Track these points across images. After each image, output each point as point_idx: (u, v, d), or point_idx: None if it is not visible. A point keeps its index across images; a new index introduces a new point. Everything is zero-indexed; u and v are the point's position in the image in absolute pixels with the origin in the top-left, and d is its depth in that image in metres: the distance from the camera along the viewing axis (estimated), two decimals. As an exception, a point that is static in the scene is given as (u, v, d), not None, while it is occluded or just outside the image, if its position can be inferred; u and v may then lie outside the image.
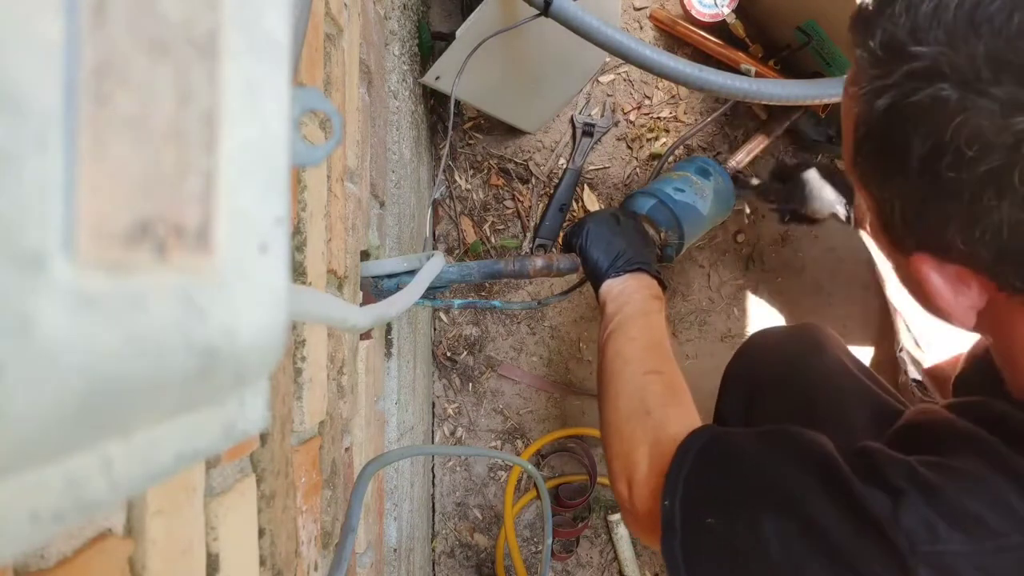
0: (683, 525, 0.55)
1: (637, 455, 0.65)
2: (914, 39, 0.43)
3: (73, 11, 0.13)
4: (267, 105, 0.20)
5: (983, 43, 0.41)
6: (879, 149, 0.48)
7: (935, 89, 0.42)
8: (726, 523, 0.53)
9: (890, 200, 0.49)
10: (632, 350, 0.74)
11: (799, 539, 0.49)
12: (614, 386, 0.72)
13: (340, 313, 0.37)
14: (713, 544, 0.54)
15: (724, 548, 0.53)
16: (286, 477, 0.46)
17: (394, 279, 0.73)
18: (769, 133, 1.15)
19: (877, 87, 0.46)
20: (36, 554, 0.24)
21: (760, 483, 0.54)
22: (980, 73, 0.41)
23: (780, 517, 0.50)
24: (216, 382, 0.18)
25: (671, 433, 0.64)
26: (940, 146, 0.43)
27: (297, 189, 0.49)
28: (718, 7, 1.11)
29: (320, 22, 0.54)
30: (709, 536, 0.54)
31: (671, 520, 0.56)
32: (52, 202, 0.13)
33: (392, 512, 0.86)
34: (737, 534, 0.52)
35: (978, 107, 0.41)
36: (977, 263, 0.46)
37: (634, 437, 0.67)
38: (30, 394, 0.12)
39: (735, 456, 0.57)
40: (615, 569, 1.26)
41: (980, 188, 0.42)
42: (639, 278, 0.81)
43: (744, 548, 0.52)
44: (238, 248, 0.19)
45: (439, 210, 1.25)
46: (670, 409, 0.68)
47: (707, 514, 0.55)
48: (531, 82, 1.11)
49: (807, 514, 0.49)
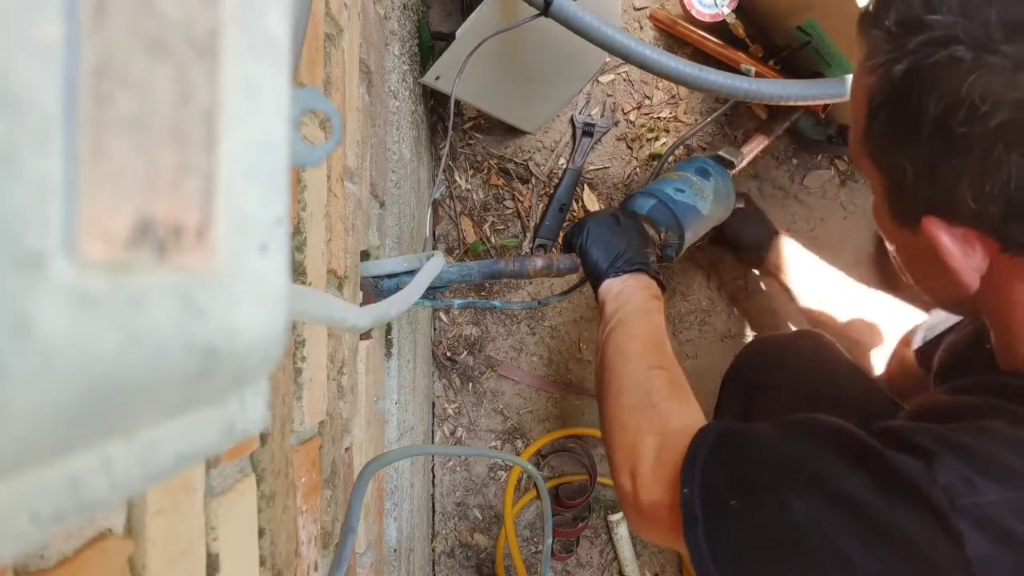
0: (704, 511, 0.55)
1: (641, 447, 0.64)
2: (928, 9, 0.46)
3: (73, 11, 0.13)
4: (267, 105, 0.20)
5: (995, 10, 0.44)
6: (894, 115, 0.51)
7: (950, 51, 0.45)
8: (750, 505, 0.53)
9: (902, 167, 0.51)
10: (633, 346, 0.74)
11: (830, 514, 0.49)
12: (617, 381, 0.72)
13: (340, 313, 0.37)
14: (738, 528, 0.53)
15: (749, 531, 0.53)
16: (286, 477, 0.46)
17: (394, 279, 0.73)
18: (769, 133, 1.15)
19: (894, 57, 0.49)
20: (36, 554, 0.24)
21: (784, 464, 0.53)
22: (993, 35, 0.44)
23: (807, 495, 0.50)
24: (216, 382, 0.18)
25: (678, 424, 0.64)
26: (954, 104, 0.45)
27: (297, 189, 0.49)
28: (718, 7, 1.11)
29: (320, 22, 0.54)
30: (733, 520, 0.54)
31: (691, 508, 0.55)
32: (52, 202, 0.13)
33: (392, 512, 0.86)
34: (763, 515, 0.52)
35: (990, 65, 0.44)
36: (985, 223, 0.48)
37: (639, 429, 0.66)
38: (30, 394, 0.12)
39: (754, 442, 0.57)
40: (615, 569, 1.26)
41: (991, 142, 0.45)
42: (639, 278, 0.81)
43: (771, 528, 0.51)
44: (238, 248, 0.19)
45: (439, 210, 1.25)
46: (674, 402, 0.68)
47: (729, 498, 0.54)
48: (531, 82, 1.11)
49: (836, 489, 0.49)
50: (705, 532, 0.54)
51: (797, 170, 1.25)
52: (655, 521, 0.61)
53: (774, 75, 1.08)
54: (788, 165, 1.25)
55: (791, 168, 1.25)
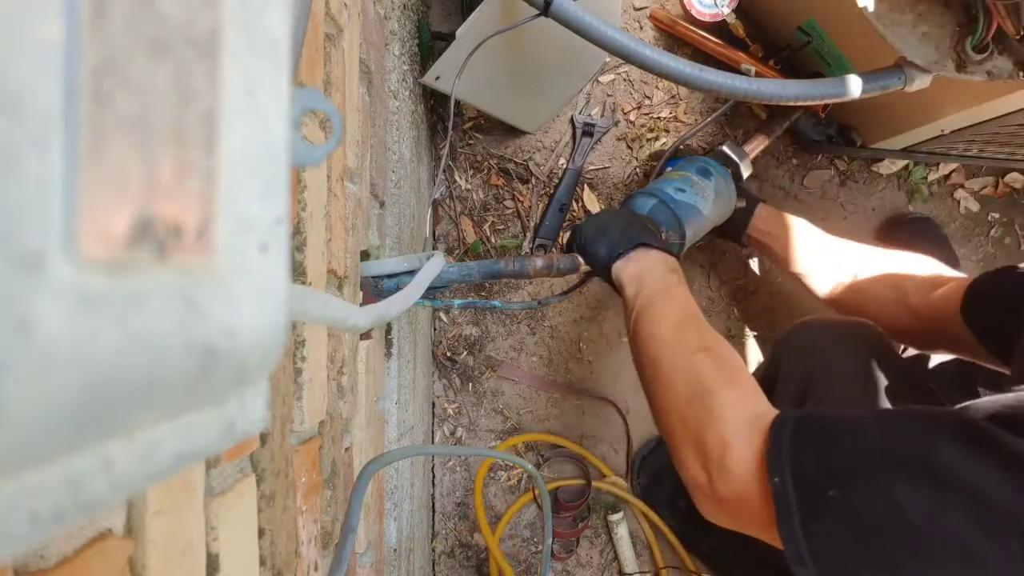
0: (800, 500, 0.53)
1: (709, 438, 0.62)
2: None
3: (73, 11, 0.13)
4: (267, 105, 0.20)
5: None
6: None
7: None
8: (850, 494, 0.51)
9: None
10: (666, 331, 0.72)
11: (945, 501, 0.47)
12: (664, 371, 0.70)
13: (340, 313, 0.37)
14: (836, 517, 0.52)
15: (850, 520, 0.51)
16: (286, 477, 0.46)
17: (394, 279, 0.73)
18: (769, 133, 1.15)
19: None
20: (36, 554, 0.24)
21: (887, 450, 0.51)
22: None
23: (917, 481, 0.48)
24: (216, 382, 0.18)
25: (743, 410, 0.62)
26: None
27: (297, 189, 0.49)
28: (718, 7, 1.11)
29: (320, 22, 0.54)
30: (832, 509, 0.52)
31: (785, 497, 0.53)
32: (52, 202, 0.13)
33: (392, 512, 0.86)
34: (865, 504, 0.50)
35: None
36: None
37: (700, 419, 0.63)
38: (30, 394, 0.12)
39: (845, 427, 0.55)
40: (615, 569, 1.26)
41: None
42: (648, 254, 0.79)
43: (874, 517, 0.49)
44: (238, 248, 0.19)
45: (439, 210, 1.25)
46: (731, 386, 0.65)
47: (827, 487, 0.52)
48: (531, 82, 1.11)
49: (950, 475, 0.47)
50: (802, 522, 0.52)
51: (797, 170, 1.25)
52: (738, 513, 0.59)
53: (774, 75, 1.08)
54: (788, 165, 1.25)
55: (791, 168, 1.25)
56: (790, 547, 0.53)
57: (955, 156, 1.11)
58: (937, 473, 0.48)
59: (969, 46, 0.77)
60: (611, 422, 1.27)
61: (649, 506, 1.23)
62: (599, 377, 1.27)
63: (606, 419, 1.27)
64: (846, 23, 0.87)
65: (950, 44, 0.79)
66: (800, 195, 1.25)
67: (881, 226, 1.26)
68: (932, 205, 1.27)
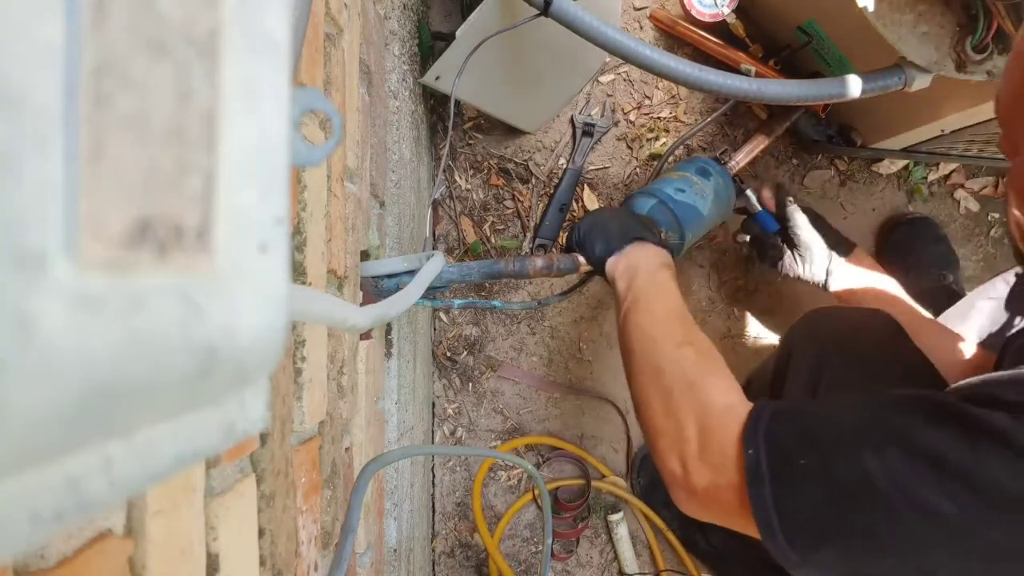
0: (771, 469, 0.54)
1: (687, 430, 0.63)
2: None
3: (73, 11, 0.13)
4: (267, 105, 0.20)
5: None
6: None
7: None
8: (821, 462, 0.52)
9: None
10: (653, 325, 0.73)
11: (908, 468, 0.48)
12: (649, 364, 0.71)
13: (340, 313, 0.37)
14: (807, 485, 0.53)
15: (820, 487, 0.52)
16: (286, 477, 0.46)
17: (394, 279, 0.73)
18: (769, 133, 1.15)
19: None
20: (36, 554, 0.24)
21: (858, 422, 0.53)
22: None
23: (883, 450, 0.50)
24: (216, 382, 0.18)
25: (722, 402, 0.63)
26: None
27: (297, 189, 0.49)
28: (718, 7, 1.11)
29: (320, 22, 0.54)
30: (802, 478, 0.53)
31: (757, 466, 0.54)
32: (52, 202, 0.13)
33: (392, 512, 0.86)
34: (835, 471, 0.51)
35: None
36: None
37: (680, 411, 0.64)
38: (30, 394, 0.12)
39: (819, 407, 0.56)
40: (615, 569, 1.26)
41: None
42: (642, 247, 0.80)
43: (844, 484, 0.51)
44: (238, 248, 0.19)
45: (439, 210, 1.25)
46: (712, 378, 0.66)
47: (798, 456, 0.53)
48: (531, 82, 1.11)
49: (914, 443, 0.49)
50: (772, 491, 0.53)
51: (797, 170, 1.25)
52: (710, 502, 0.60)
53: (774, 75, 1.08)
54: (788, 165, 1.25)
55: (791, 168, 1.25)
56: (760, 515, 0.53)
57: (955, 156, 1.11)
58: (903, 442, 0.49)
59: (969, 46, 0.77)
60: (611, 422, 1.27)
61: (649, 506, 1.23)
62: (599, 377, 1.27)
63: (606, 419, 1.27)
64: (846, 23, 0.87)
65: (950, 44, 0.79)
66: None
67: (881, 226, 1.27)
68: (932, 205, 1.27)
